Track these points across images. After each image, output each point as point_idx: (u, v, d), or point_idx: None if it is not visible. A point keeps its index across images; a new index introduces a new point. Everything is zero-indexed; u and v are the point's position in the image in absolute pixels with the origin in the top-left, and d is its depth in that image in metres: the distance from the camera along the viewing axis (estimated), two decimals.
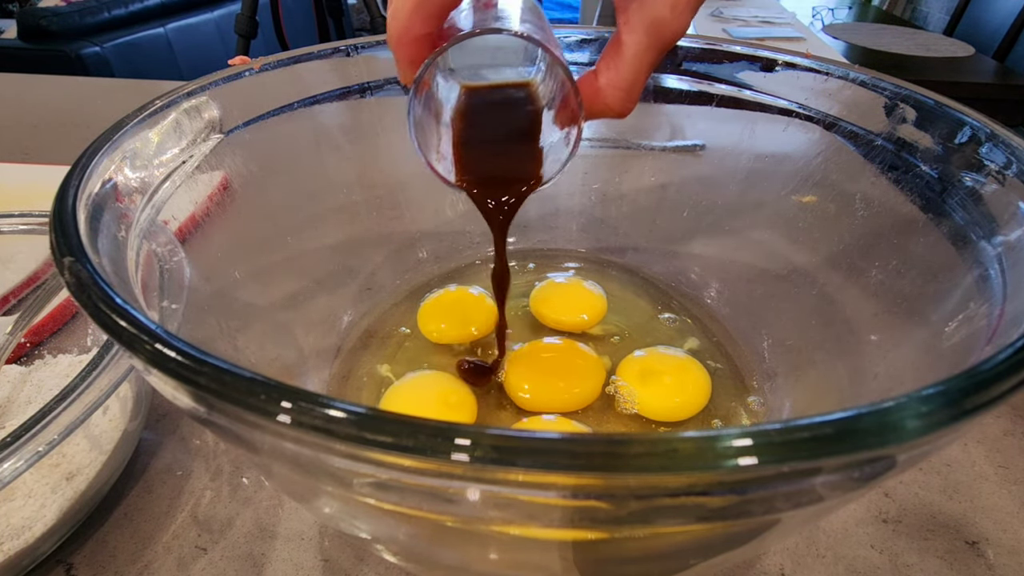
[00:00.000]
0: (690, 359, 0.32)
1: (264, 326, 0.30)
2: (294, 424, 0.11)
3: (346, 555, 0.25)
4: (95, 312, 0.14)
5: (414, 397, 0.30)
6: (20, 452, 0.20)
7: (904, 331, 0.24)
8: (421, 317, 0.35)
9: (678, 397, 0.30)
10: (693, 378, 0.31)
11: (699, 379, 0.31)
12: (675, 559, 0.17)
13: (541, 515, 0.12)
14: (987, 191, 0.22)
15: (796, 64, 0.30)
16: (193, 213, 0.25)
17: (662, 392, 0.30)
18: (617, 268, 0.41)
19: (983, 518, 0.27)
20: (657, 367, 0.31)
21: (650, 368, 0.31)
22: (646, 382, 0.30)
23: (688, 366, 0.31)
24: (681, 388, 0.30)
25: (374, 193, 0.38)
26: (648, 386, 0.30)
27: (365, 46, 0.33)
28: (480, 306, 0.36)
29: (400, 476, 0.11)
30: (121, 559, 0.25)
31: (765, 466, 0.10)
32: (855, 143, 0.28)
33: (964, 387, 0.11)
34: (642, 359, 0.32)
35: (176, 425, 0.31)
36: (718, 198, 0.37)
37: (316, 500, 0.17)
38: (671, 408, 0.30)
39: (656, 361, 0.32)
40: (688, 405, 0.30)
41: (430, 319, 0.35)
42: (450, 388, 0.30)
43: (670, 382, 0.30)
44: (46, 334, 0.36)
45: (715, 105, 0.33)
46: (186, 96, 0.26)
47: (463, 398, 0.30)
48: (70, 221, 0.17)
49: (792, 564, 0.25)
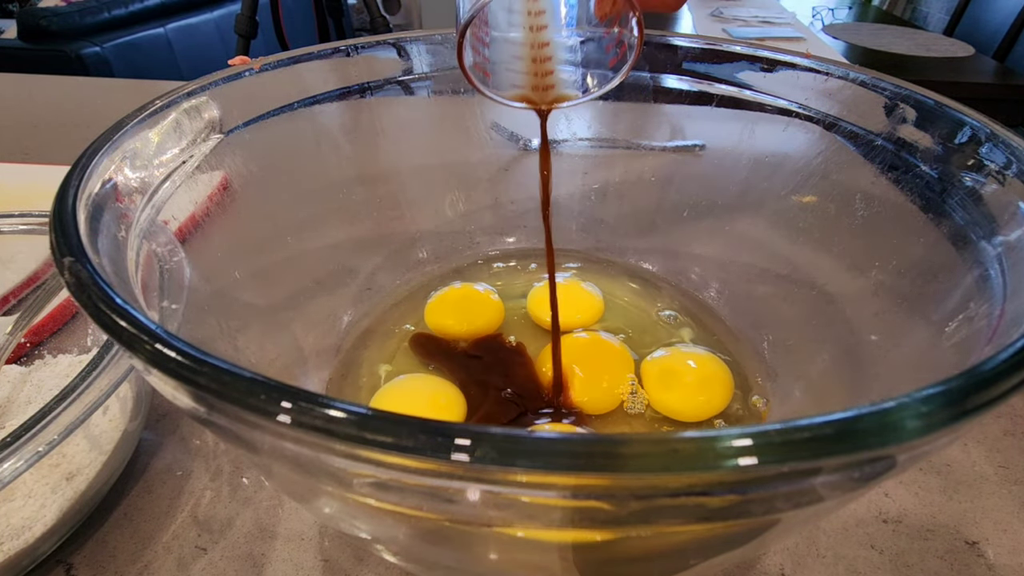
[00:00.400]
0: (710, 355, 0.31)
1: (264, 326, 0.30)
2: (294, 424, 0.11)
3: (346, 555, 0.25)
4: (95, 312, 0.14)
5: (402, 400, 0.30)
6: (20, 452, 0.20)
7: (904, 331, 0.24)
8: (428, 312, 0.36)
9: (702, 395, 0.29)
10: (716, 375, 0.30)
11: (723, 375, 0.30)
12: (675, 559, 0.17)
13: (541, 515, 0.12)
14: (987, 191, 0.22)
15: (796, 64, 0.30)
16: (193, 213, 0.25)
17: (685, 392, 0.29)
18: (617, 268, 0.41)
19: (983, 518, 0.27)
20: (678, 367, 0.31)
21: (671, 368, 0.31)
22: (668, 383, 0.30)
23: (708, 363, 0.31)
24: (705, 386, 0.30)
25: (374, 193, 0.38)
26: (671, 388, 0.30)
27: (365, 46, 0.33)
28: (487, 302, 0.36)
29: (400, 476, 0.11)
30: (121, 559, 0.25)
31: (765, 466, 0.10)
32: (855, 143, 0.28)
33: (964, 387, 0.11)
34: (662, 360, 0.31)
35: (176, 425, 0.31)
36: (718, 198, 0.37)
37: (316, 500, 0.17)
38: (695, 407, 0.29)
39: (677, 361, 0.31)
40: (712, 403, 0.29)
41: (438, 314, 0.35)
42: (439, 390, 0.30)
43: (692, 381, 0.30)
44: (46, 334, 0.36)
45: (715, 105, 0.33)
46: (186, 96, 0.26)
47: (451, 400, 0.30)
48: (70, 221, 0.17)
49: (792, 564, 0.25)
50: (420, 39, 0.34)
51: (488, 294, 0.36)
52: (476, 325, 0.35)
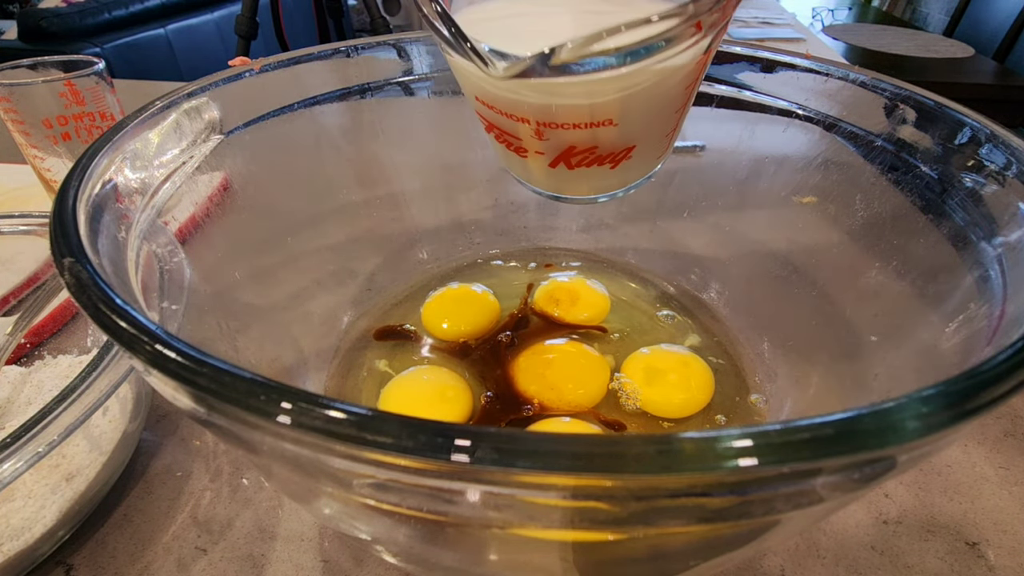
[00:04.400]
0: (693, 356, 0.32)
1: (264, 326, 0.30)
2: (294, 425, 0.11)
3: (346, 556, 0.25)
4: (95, 313, 0.14)
5: (411, 391, 0.30)
6: (20, 453, 0.20)
7: (904, 332, 0.24)
8: (425, 313, 0.36)
9: (682, 394, 0.30)
10: (696, 374, 0.31)
11: (702, 376, 0.31)
12: (675, 560, 0.17)
13: (541, 516, 0.12)
14: (987, 192, 0.22)
15: (796, 65, 0.30)
16: (193, 214, 0.25)
17: (666, 389, 0.30)
18: (617, 268, 0.41)
19: (983, 519, 0.27)
20: (661, 364, 0.31)
21: (654, 366, 0.31)
22: (650, 380, 0.31)
23: (691, 363, 0.31)
24: (685, 385, 0.30)
25: (374, 193, 0.38)
26: (652, 384, 0.30)
27: (365, 47, 0.33)
28: (484, 303, 0.36)
29: (400, 477, 0.11)
30: (121, 560, 0.25)
31: (765, 467, 0.10)
32: (855, 144, 0.28)
33: (964, 388, 0.11)
34: (646, 356, 0.32)
35: (176, 426, 0.31)
36: (718, 198, 0.37)
37: (316, 501, 0.17)
38: (676, 405, 0.30)
39: (659, 359, 0.32)
40: (692, 402, 0.30)
41: (434, 315, 0.35)
42: (447, 383, 0.30)
43: (674, 379, 0.30)
44: (46, 335, 0.36)
45: (715, 106, 0.33)
46: (186, 97, 0.26)
47: (459, 392, 0.30)
48: (70, 222, 0.17)
49: (792, 565, 0.25)
50: (420, 40, 0.34)
51: (485, 294, 0.37)
52: (472, 326, 0.35)
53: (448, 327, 0.35)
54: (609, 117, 0.21)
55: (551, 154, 0.23)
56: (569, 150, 0.23)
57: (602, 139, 0.22)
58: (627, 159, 0.23)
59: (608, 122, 0.21)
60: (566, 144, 0.22)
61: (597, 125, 0.21)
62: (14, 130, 0.40)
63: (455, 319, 0.35)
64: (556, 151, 0.23)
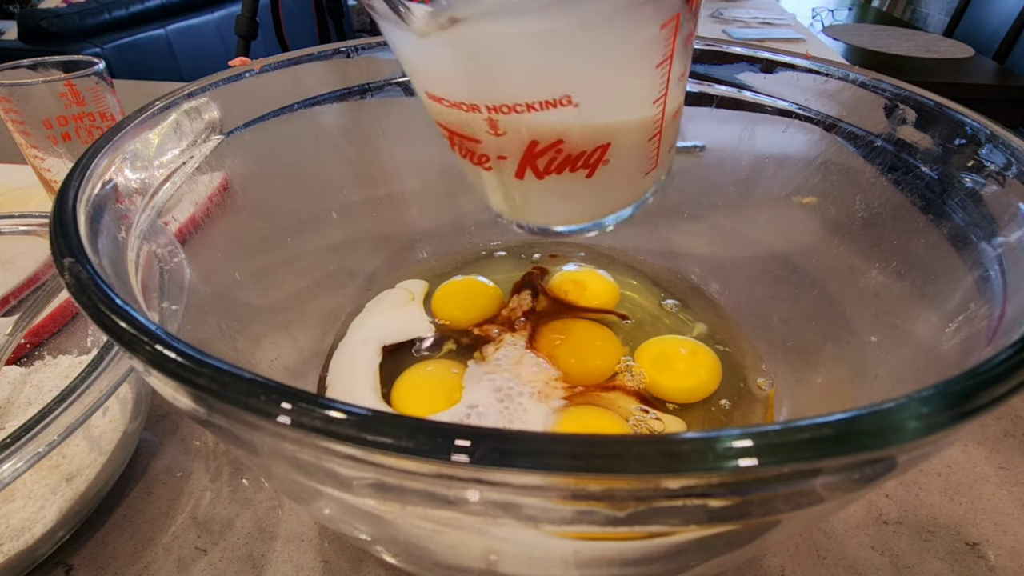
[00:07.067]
0: (700, 345, 0.33)
1: (264, 327, 0.30)
2: (293, 425, 0.11)
3: (346, 556, 0.25)
4: (95, 313, 0.14)
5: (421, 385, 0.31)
6: (20, 453, 0.20)
7: (904, 332, 0.24)
8: (436, 302, 0.36)
9: (693, 380, 0.31)
10: (705, 362, 0.32)
11: (711, 363, 0.32)
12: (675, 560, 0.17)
13: (541, 516, 0.12)
14: (987, 192, 0.22)
15: (796, 65, 0.30)
16: (193, 214, 0.25)
17: (675, 376, 0.31)
18: (618, 267, 0.41)
19: (984, 519, 0.27)
20: (670, 352, 0.32)
21: (663, 352, 0.32)
22: (659, 366, 0.31)
23: (699, 350, 0.32)
24: (693, 372, 0.31)
25: (374, 193, 0.38)
26: (661, 371, 0.31)
27: (365, 47, 0.33)
28: (489, 291, 0.37)
29: (400, 477, 0.11)
30: (121, 560, 0.25)
31: (765, 467, 0.10)
32: (855, 144, 0.28)
33: (964, 388, 0.11)
34: (656, 344, 0.33)
35: (176, 426, 0.31)
36: (718, 198, 0.37)
37: (315, 501, 0.17)
38: (684, 391, 0.31)
39: (669, 346, 0.33)
40: (702, 387, 0.31)
41: (444, 304, 0.36)
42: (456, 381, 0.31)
43: (683, 367, 0.31)
44: (46, 335, 0.36)
45: (715, 106, 0.33)
46: (186, 97, 0.26)
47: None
48: (70, 222, 0.17)
49: (792, 565, 0.25)
50: None
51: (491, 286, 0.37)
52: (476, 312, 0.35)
53: (459, 314, 0.35)
54: (563, 91, 0.18)
55: (514, 157, 0.21)
56: (532, 146, 0.21)
57: (566, 130, 0.20)
58: (604, 163, 0.21)
59: (566, 100, 0.18)
60: (527, 138, 0.20)
61: (553, 105, 0.19)
62: (14, 130, 0.40)
63: (464, 306, 0.36)
64: (518, 150, 0.21)
